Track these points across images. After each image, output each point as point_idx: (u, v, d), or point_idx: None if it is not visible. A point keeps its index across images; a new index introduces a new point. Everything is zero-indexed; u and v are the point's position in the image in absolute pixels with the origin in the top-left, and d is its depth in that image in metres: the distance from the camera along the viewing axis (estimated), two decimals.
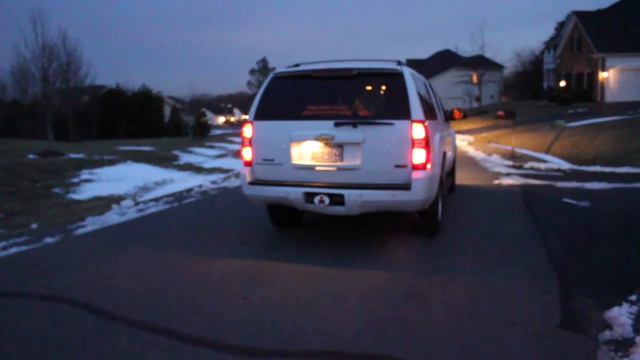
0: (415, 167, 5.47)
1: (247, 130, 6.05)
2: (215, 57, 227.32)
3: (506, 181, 10.67)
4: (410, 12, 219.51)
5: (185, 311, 4.04)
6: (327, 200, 5.54)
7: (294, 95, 6.20)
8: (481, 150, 18.73)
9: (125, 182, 12.70)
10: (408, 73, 5.96)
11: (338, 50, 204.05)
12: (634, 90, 36.38)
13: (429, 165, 5.53)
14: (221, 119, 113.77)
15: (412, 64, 69.87)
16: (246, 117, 7.09)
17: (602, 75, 37.64)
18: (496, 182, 10.69)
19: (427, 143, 5.51)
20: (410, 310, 4.02)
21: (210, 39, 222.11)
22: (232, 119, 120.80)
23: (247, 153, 6.07)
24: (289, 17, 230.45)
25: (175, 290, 4.52)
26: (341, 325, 3.71)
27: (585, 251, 5.57)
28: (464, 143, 23.09)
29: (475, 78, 53.54)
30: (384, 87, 6.10)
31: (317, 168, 5.72)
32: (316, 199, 5.57)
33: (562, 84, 43.08)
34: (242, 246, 6.01)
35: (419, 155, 5.47)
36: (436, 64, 67.13)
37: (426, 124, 5.59)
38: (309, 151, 5.75)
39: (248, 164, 6.07)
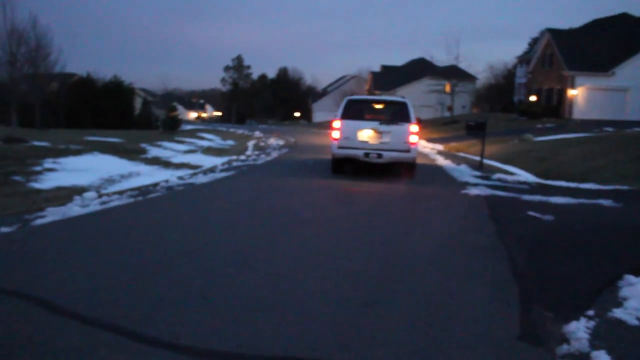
0: (411, 143, 12.40)
1: (337, 124, 12.68)
2: (190, 52, 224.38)
3: (473, 191, 10.77)
4: (388, 18, 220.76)
5: (143, 309, 3.93)
6: (375, 155, 12.37)
7: (359, 109, 13.08)
8: (450, 159, 18.92)
9: (90, 173, 12.40)
10: (409, 101, 13.07)
11: (313, 51, 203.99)
12: (600, 109, 37.33)
13: (417, 142, 12.71)
14: (193, 114, 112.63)
15: (388, 70, 70.51)
16: (219, 113, 17.69)
17: (571, 92, 38.48)
18: (463, 191, 10.79)
19: (417, 133, 12.55)
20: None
21: (185, 34, 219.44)
22: (204, 114, 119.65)
23: (335, 134, 12.65)
24: (266, 16, 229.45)
25: (133, 288, 4.40)
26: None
27: (547, 265, 5.63)
28: (433, 152, 23.30)
29: (448, 88, 54.24)
30: (399, 108, 12.88)
31: (370, 142, 12.47)
32: (370, 155, 12.41)
33: (533, 98, 43.88)
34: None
35: (413, 138, 12.43)
36: (411, 72, 67.77)
37: (419, 124, 12.71)
38: (366, 135, 12.48)
39: (336, 140, 12.65)
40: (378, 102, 14.05)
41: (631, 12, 45.48)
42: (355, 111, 12.84)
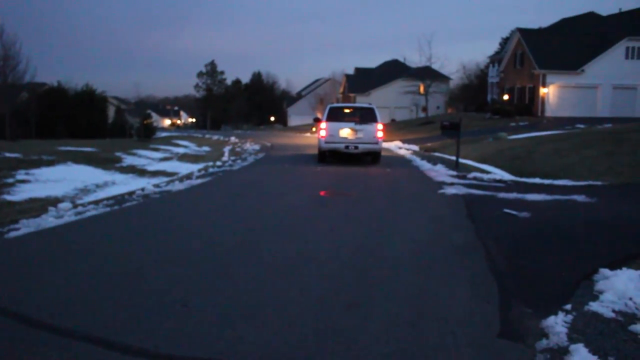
0: (378, 138, 16.81)
1: (323, 124, 16.67)
2: (162, 59, 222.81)
3: (450, 190, 10.86)
4: (360, 21, 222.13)
5: (122, 318, 3.88)
6: (353, 147, 16.55)
7: (338, 113, 17.28)
8: (426, 159, 19.06)
9: (64, 183, 12.23)
10: (375, 107, 17.59)
11: (287, 55, 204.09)
12: (571, 106, 38.04)
13: (382, 137, 17.33)
14: (167, 122, 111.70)
15: (361, 72, 70.75)
16: (193, 120, 24.07)
17: (543, 90, 39.10)
18: (440, 191, 10.87)
19: (383, 130, 17.23)
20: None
21: (157, 41, 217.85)
22: (179, 121, 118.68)
23: (323, 132, 16.64)
24: (238, 21, 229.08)
25: (111, 297, 4.34)
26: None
27: (525, 261, 5.70)
28: (409, 152, 23.46)
29: (422, 89, 54.50)
30: (368, 112, 17.22)
31: (349, 138, 16.60)
32: (349, 147, 16.56)
33: (506, 97, 44.48)
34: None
35: (380, 134, 16.83)
36: (384, 74, 68.07)
37: (383, 124, 17.62)
38: (346, 132, 16.60)
39: (323, 137, 16.63)
40: (352, 108, 19.02)
41: (597, 11, 46.58)
42: (336, 115, 17.10)
